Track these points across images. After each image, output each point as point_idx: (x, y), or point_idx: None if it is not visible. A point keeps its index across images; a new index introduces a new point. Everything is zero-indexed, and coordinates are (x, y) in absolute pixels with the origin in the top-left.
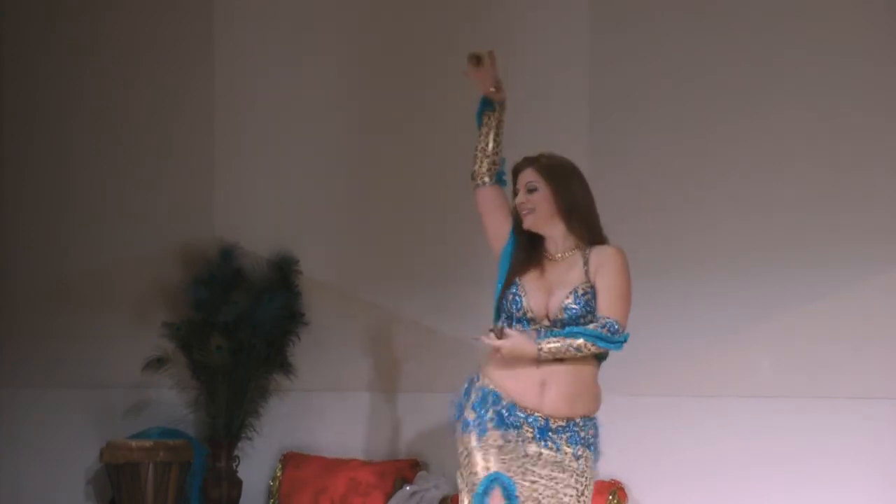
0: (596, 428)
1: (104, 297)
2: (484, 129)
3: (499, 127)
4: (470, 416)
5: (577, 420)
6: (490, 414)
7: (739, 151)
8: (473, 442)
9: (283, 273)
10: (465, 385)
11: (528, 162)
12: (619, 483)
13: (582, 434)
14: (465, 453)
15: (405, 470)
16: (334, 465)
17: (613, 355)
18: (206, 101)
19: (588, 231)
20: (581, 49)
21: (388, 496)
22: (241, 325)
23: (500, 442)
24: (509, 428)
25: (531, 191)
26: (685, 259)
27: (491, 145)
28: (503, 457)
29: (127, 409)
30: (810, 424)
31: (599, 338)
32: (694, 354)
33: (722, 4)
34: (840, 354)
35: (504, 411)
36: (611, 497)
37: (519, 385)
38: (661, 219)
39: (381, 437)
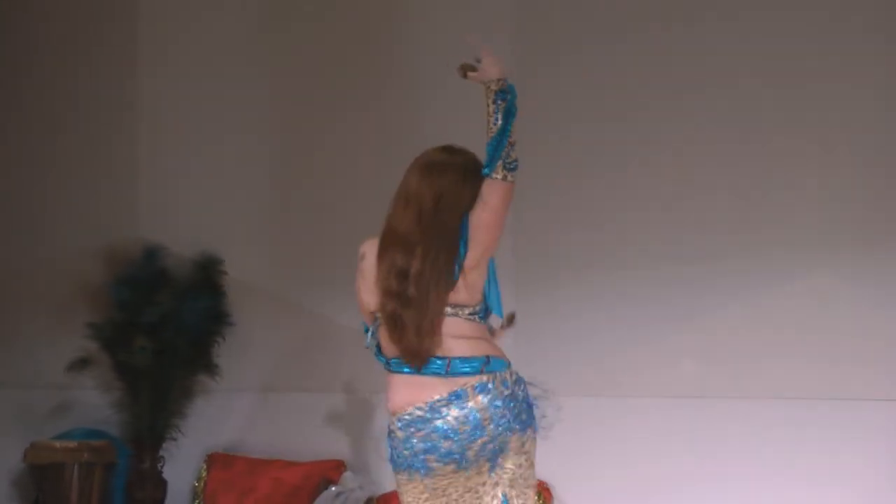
0: None
1: (27, 296)
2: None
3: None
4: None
5: None
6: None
7: (667, 153)
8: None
9: (208, 273)
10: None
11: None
12: (544, 483)
13: None
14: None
15: (330, 470)
16: (259, 466)
17: (536, 357)
18: (130, 99)
19: None
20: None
21: (313, 497)
22: (165, 326)
23: None
24: None
25: None
26: (605, 260)
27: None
28: None
29: (51, 410)
30: (734, 424)
31: None
32: (616, 354)
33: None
34: (758, 355)
35: None
36: (536, 497)
37: None
38: (587, 219)
39: (307, 437)
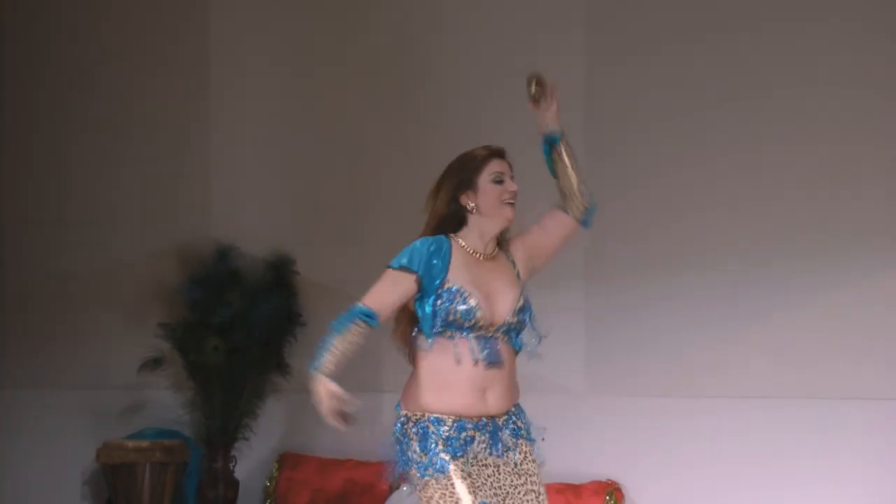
0: (523, 411)
1: (100, 297)
2: (561, 168)
3: (572, 157)
4: (424, 458)
5: (512, 408)
6: (440, 446)
7: (734, 153)
8: (454, 479)
9: (280, 273)
10: (398, 428)
11: (502, 151)
12: (615, 483)
13: (519, 423)
14: (443, 493)
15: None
16: (331, 466)
17: (610, 358)
18: (202, 100)
19: None
20: (577, 49)
21: (385, 497)
22: (237, 326)
23: (466, 470)
24: (461, 450)
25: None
26: (676, 260)
27: (576, 182)
28: (476, 483)
29: (123, 410)
30: (802, 424)
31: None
32: (688, 355)
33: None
34: (831, 355)
35: (452, 432)
36: (608, 497)
37: (464, 398)
38: (655, 219)
39: (378, 437)
